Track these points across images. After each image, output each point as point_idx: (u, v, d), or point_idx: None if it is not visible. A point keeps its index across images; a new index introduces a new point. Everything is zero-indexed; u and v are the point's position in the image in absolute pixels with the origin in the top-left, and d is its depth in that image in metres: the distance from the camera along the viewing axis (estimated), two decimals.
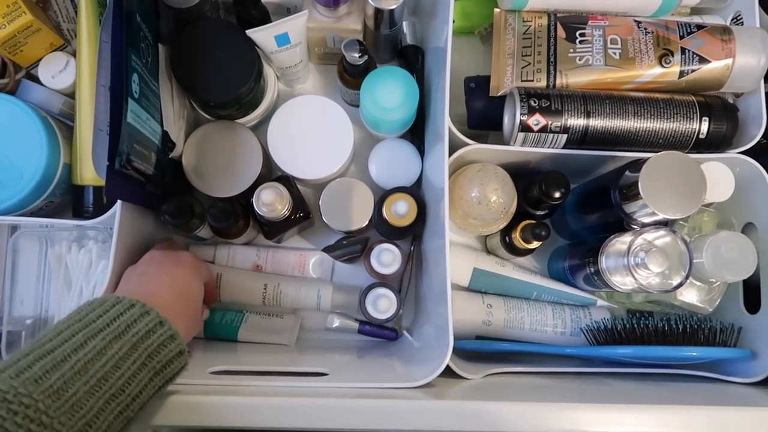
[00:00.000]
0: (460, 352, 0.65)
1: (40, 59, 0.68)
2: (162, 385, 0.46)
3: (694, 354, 0.60)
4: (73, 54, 0.68)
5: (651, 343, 0.61)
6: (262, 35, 0.63)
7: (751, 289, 0.66)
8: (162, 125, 0.63)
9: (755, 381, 0.61)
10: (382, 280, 0.69)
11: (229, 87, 0.63)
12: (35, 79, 0.69)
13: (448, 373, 0.59)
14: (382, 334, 0.70)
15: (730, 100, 0.67)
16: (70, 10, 0.72)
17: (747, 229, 0.66)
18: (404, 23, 0.73)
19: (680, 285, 0.55)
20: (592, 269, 0.62)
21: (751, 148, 0.64)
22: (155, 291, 0.53)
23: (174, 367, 0.47)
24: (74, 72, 0.67)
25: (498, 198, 0.60)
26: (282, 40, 0.64)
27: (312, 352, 0.69)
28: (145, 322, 0.45)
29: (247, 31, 0.62)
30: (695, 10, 0.72)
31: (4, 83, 0.68)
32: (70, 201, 0.68)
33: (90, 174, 0.66)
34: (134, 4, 0.57)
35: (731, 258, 0.57)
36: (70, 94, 0.69)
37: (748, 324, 0.63)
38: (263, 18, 0.69)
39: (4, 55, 0.66)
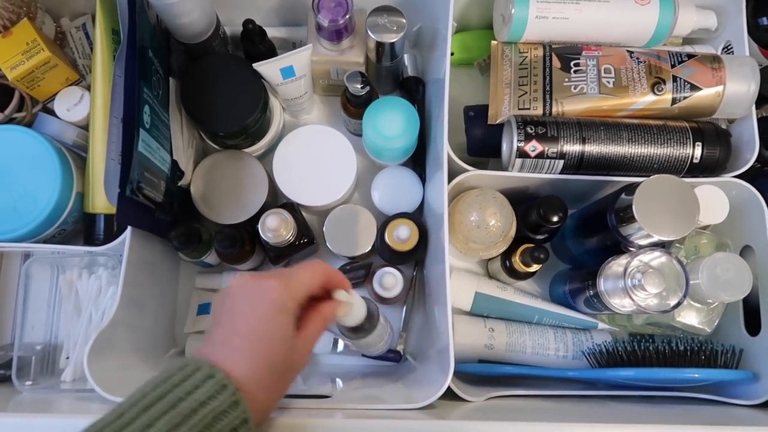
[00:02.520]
0: (462, 376, 0.66)
1: (56, 93, 0.71)
2: None
3: (696, 376, 0.60)
4: (88, 88, 0.71)
5: (652, 365, 0.61)
6: (268, 68, 0.65)
7: (751, 311, 0.66)
8: (171, 154, 0.65)
9: (757, 403, 0.61)
10: (385, 304, 0.70)
11: (237, 117, 0.66)
12: (51, 112, 0.72)
13: (451, 395, 0.59)
14: (386, 357, 0.71)
15: (723, 126, 0.68)
16: (86, 46, 0.76)
17: (745, 252, 0.66)
18: (405, 56, 0.76)
19: (678, 305, 0.55)
20: (591, 292, 0.63)
21: (746, 171, 0.65)
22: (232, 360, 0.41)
23: None
24: (88, 105, 0.70)
25: (496, 222, 0.61)
26: (287, 72, 0.67)
27: (315, 376, 0.70)
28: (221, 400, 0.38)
29: (254, 64, 0.65)
30: (687, 41, 0.75)
31: (22, 116, 0.71)
32: (82, 229, 0.70)
33: (101, 202, 0.68)
34: (147, 39, 0.60)
35: (727, 279, 0.58)
36: (84, 126, 0.71)
37: (749, 346, 0.64)
38: (269, 52, 0.72)
39: (22, 89, 0.69)
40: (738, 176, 0.65)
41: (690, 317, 0.63)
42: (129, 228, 0.61)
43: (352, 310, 0.49)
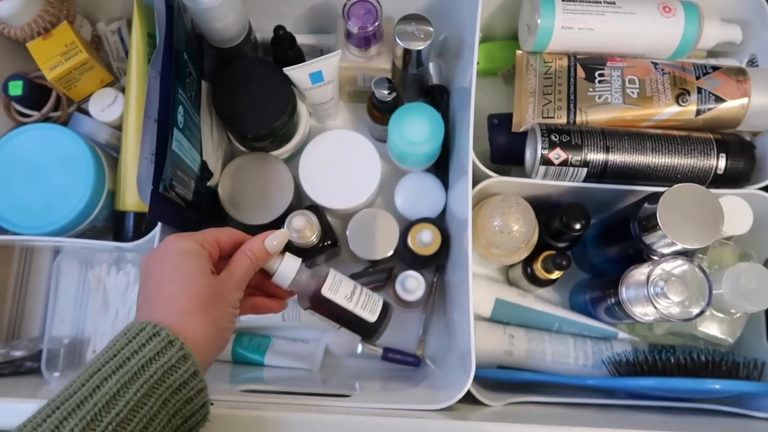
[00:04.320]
0: (482, 381, 0.66)
1: (91, 94, 0.73)
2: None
3: (717, 387, 0.59)
4: (122, 90, 0.73)
5: (673, 376, 0.61)
6: (297, 73, 0.67)
7: None
8: (201, 155, 0.67)
9: None
10: (405, 307, 0.70)
11: (265, 120, 0.67)
12: (85, 112, 0.74)
13: (470, 400, 0.60)
14: (406, 361, 0.72)
15: (748, 138, 0.69)
16: (120, 50, 0.78)
17: None
18: (431, 64, 0.78)
19: (701, 313, 0.56)
20: (612, 300, 0.63)
21: None
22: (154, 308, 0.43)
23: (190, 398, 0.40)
24: (122, 106, 0.72)
25: (520, 227, 0.62)
26: (316, 77, 0.68)
27: (336, 378, 0.70)
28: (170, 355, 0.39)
29: (284, 69, 0.67)
30: (711, 54, 0.75)
31: (58, 116, 0.73)
32: (112, 226, 0.72)
33: (132, 200, 0.70)
34: (182, 43, 0.62)
35: (750, 288, 0.58)
36: (117, 127, 0.73)
37: None
38: (298, 58, 0.73)
39: (60, 89, 0.71)
40: (762, 188, 0.65)
41: (712, 327, 0.62)
42: (158, 225, 0.62)
43: (282, 258, 0.49)
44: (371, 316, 0.53)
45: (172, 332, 0.39)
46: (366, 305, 0.53)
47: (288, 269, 0.50)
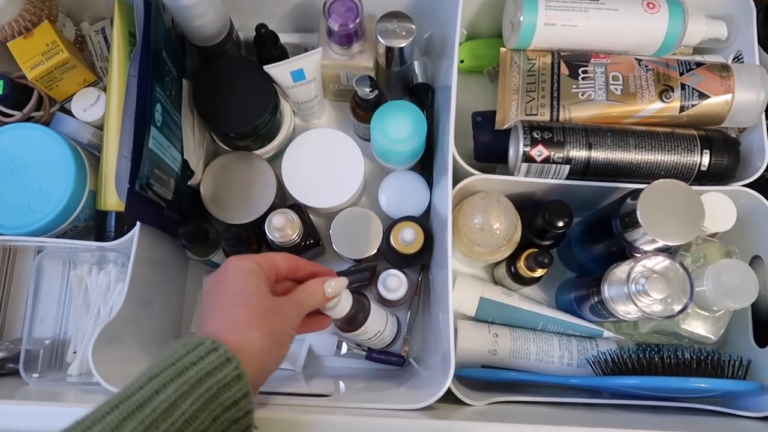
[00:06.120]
0: (465, 381, 0.66)
1: (74, 94, 0.73)
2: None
3: (703, 386, 0.59)
4: (104, 89, 0.73)
5: (658, 374, 0.60)
6: (278, 71, 0.67)
7: (760, 323, 0.65)
8: (182, 154, 0.66)
9: (764, 416, 0.59)
10: (389, 306, 0.70)
11: (247, 119, 0.67)
12: (68, 112, 0.73)
13: (452, 399, 0.59)
14: (389, 361, 0.71)
15: (733, 135, 0.68)
16: (104, 50, 0.78)
17: (754, 262, 0.66)
18: (415, 63, 0.77)
19: (683, 310, 0.55)
20: (596, 299, 0.63)
21: (756, 181, 0.65)
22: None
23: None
24: (104, 105, 0.72)
25: (501, 225, 0.61)
26: (297, 75, 0.68)
27: (319, 378, 0.70)
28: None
29: (264, 67, 0.66)
30: (697, 50, 0.75)
31: (40, 115, 0.73)
32: (94, 227, 0.72)
33: (113, 200, 0.69)
34: (162, 41, 0.61)
35: (732, 285, 0.57)
36: (99, 126, 0.73)
37: (757, 357, 0.63)
38: (282, 57, 0.73)
39: (41, 89, 0.71)
40: (747, 185, 0.64)
41: (696, 325, 0.62)
42: (138, 224, 0.62)
43: (340, 298, 0.52)
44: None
45: (231, 348, 0.39)
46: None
47: (344, 308, 0.54)
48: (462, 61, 0.79)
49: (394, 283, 0.66)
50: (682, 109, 0.65)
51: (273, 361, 0.44)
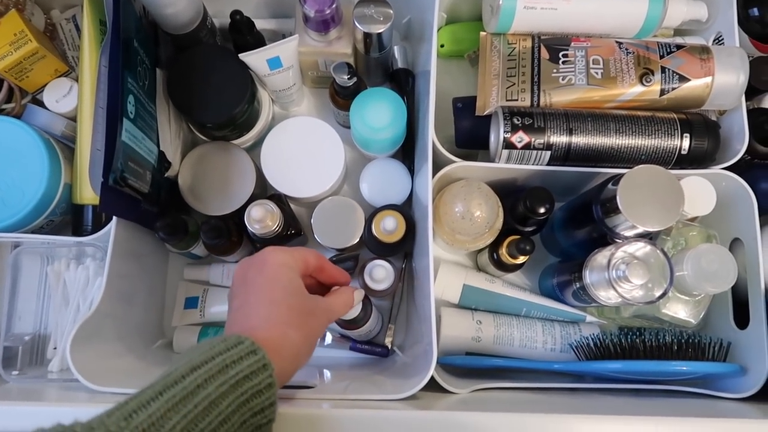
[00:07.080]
0: (449, 368, 0.66)
1: (46, 85, 0.71)
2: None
3: (684, 368, 0.59)
4: (77, 80, 0.71)
5: (640, 358, 0.61)
6: (254, 59, 0.65)
7: (740, 304, 0.66)
8: (158, 145, 0.65)
9: (745, 396, 0.60)
10: (374, 296, 0.69)
11: (223, 109, 0.66)
12: (40, 104, 0.72)
13: (436, 388, 0.59)
14: (374, 351, 0.71)
15: (714, 118, 0.68)
16: (76, 38, 0.76)
17: (734, 244, 0.66)
18: (396, 48, 0.76)
19: (663, 295, 0.55)
20: (578, 284, 0.63)
21: (737, 164, 0.65)
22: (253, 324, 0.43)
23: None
24: (77, 96, 0.70)
25: (482, 213, 0.61)
26: (274, 63, 0.67)
27: (303, 369, 0.69)
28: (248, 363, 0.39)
29: (240, 55, 0.65)
30: (678, 32, 0.74)
31: (11, 108, 0.71)
32: (71, 221, 0.70)
33: (89, 193, 0.68)
34: (132, 30, 0.60)
35: (712, 270, 0.57)
36: (73, 118, 0.71)
37: (737, 339, 0.63)
38: (258, 44, 0.72)
39: (11, 80, 0.69)
40: (728, 168, 0.64)
41: (677, 309, 0.62)
42: (114, 218, 0.61)
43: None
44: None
45: (269, 345, 0.40)
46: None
47: (353, 313, 0.59)
48: (442, 46, 0.78)
49: (380, 274, 0.66)
50: (662, 92, 0.65)
51: (303, 362, 0.45)
